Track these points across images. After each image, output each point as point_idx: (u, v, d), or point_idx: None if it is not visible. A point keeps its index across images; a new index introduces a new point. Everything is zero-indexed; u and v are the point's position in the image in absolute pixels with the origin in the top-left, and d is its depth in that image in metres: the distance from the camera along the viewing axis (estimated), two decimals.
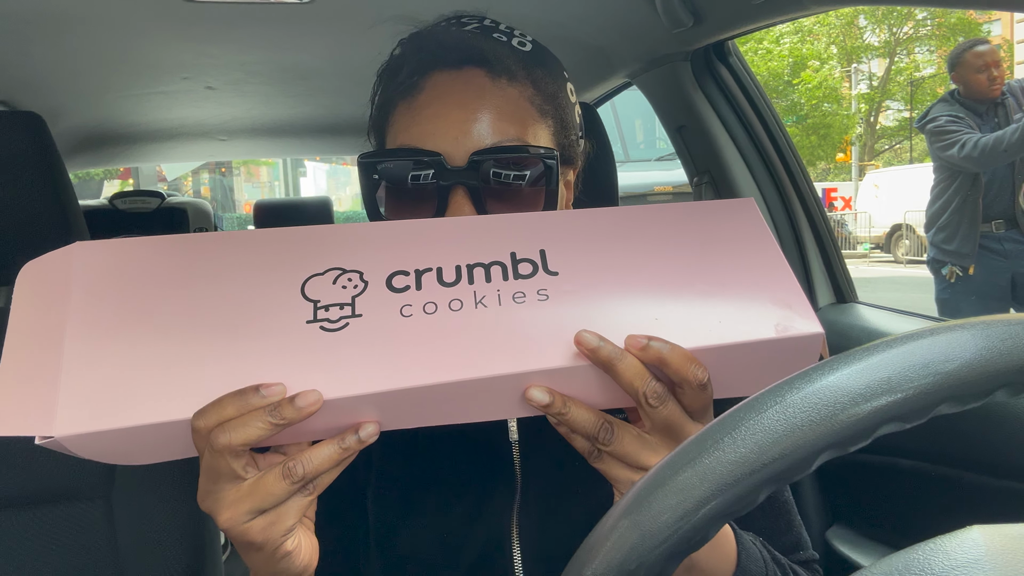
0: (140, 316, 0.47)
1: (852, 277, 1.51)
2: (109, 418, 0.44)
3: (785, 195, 1.47)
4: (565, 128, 0.68)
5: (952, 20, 18.46)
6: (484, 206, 0.62)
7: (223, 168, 21.61)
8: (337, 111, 2.22)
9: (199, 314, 0.47)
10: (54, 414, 0.44)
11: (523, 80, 0.64)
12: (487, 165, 0.61)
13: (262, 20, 1.35)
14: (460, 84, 0.63)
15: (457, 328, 0.47)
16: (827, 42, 20.04)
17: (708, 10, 1.22)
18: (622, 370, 0.45)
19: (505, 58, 0.64)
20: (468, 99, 0.62)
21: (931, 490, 1.14)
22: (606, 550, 0.34)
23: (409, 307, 0.48)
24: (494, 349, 0.46)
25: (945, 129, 2.99)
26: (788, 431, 0.33)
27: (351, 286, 0.48)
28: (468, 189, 0.61)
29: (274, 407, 0.43)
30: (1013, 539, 0.29)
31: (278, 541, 0.46)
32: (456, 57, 0.64)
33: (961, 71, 3.08)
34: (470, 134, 0.61)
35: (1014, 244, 3.08)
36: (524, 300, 0.48)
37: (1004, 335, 0.33)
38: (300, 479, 0.45)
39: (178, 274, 0.49)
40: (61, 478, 0.94)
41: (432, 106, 0.63)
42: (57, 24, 1.30)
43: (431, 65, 0.64)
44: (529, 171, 0.62)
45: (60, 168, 0.96)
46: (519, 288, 0.49)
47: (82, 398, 0.44)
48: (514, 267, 0.50)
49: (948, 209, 3.09)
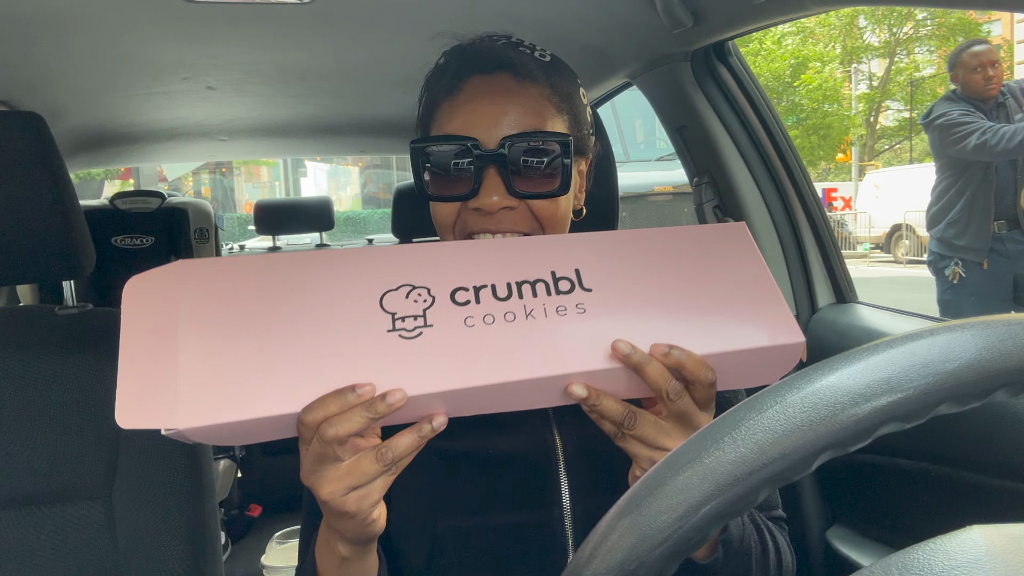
0: (243, 323, 0.55)
1: (852, 277, 1.51)
2: (227, 412, 0.52)
3: (785, 195, 1.47)
4: (579, 123, 0.81)
5: (952, 20, 18.46)
6: (512, 183, 0.74)
7: (223, 168, 21.60)
8: (337, 111, 2.22)
9: (294, 322, 0.56)
10: (175, 408, 0.52)
11: (543, 83, 0.77)
12: (514, 149, 0.73)
13: (262, 20, 1.35)
14: (493, 85, 0.76)
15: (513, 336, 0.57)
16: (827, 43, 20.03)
17: (708, 10, 1.22)
18: (649, 372, 0.57)
19: (529, 65, 0.78)
20: (499, 97, 0.75)
21: (931, 490, 1.14)
22: (606, 550, 0.34)
23: (471, 318, 0.57)
24: (544, 354, 0.56)
25: (958, 121, 2.97)
26: (788, 431, 0.33)
27: (421, 300, 0.58)
28: (498, 168, 0.74)
29: (369, 404, 0.53)
30: (1013, 539, 0.29)
31: (368, 511, 0.57)
32: (489, 64, 0.77)
33: (959, 71, 3.08)
34: (500, 124, 0.74)
35: (1016, 245, 3.07)
36: (566, 313, 0.59)
37: (1004, 335, 0.33)
38: (390, 462, 0.55)
39: (272, 287, 0.57)
40: (62, 478, 0.94)
41: (470, 103, 0.76)
42: (58, 24, 1.30)
43: (469, 71, 0.77)
44: (548, 155, 0.75)
45: (61, 168, 0.96)
46: (561, 303, 0.59)
47: (200, 394, 0.52)
48: (555, 284, 0.60)
49: (958, 204, 3.07)
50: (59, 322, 1.01)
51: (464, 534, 0.75)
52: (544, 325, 0.57)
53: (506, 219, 0.75)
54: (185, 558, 0.97)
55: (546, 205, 0.76)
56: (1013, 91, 3.08)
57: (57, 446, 0.95)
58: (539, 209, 0.76)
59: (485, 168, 0.74)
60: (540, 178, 0.75)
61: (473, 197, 0.75)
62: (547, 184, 0.75)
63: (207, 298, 0.56)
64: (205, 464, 1.03)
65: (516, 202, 0.75)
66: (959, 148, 2.97)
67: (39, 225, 0.94)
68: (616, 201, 1.11)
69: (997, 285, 3.08)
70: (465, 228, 0.77)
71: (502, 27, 0.89)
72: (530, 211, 0.76)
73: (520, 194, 0.75)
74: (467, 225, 0.77)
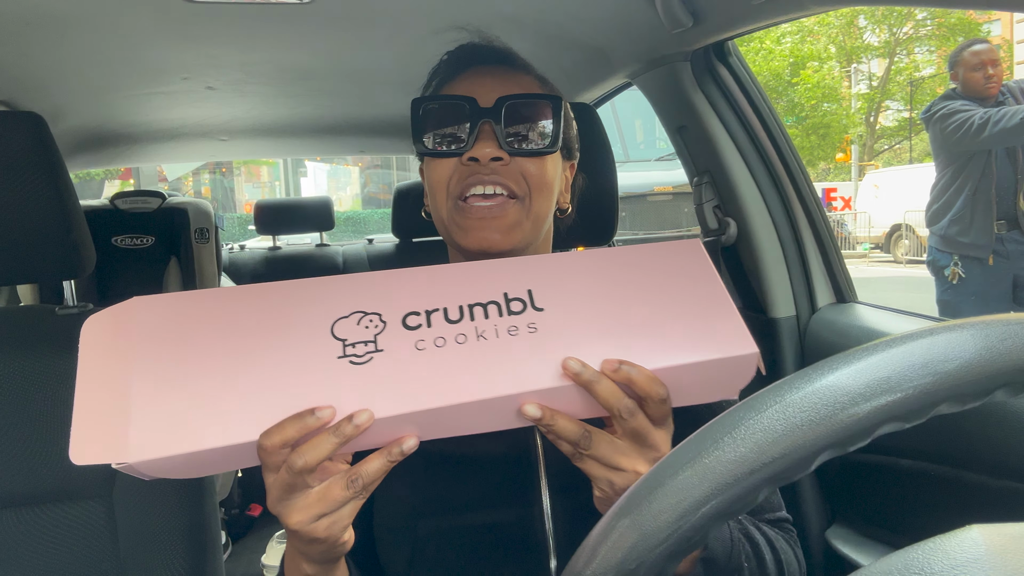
0: (196, 357, 0.56)
1: (852, 277, 1.51)
2: (178, 444, 0.52)
3: (785, 195, 1.47)
4: (567, 122, 0.85)
5: (952, 20, 18.45)
6: (505, 139, 0.78)
7: (223, 168, 21.60)
8: (337, 111, 2.22)
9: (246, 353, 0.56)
10: (127, 443, 0.52)
11: (535, 77, 0.86)
12: (509, 106, 0.78)
13: (262, 20, 1.35)
14: (492, 71, 0.83)
15: (463, 358, 0.56)
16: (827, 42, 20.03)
17: (708, 10, 1.22)
18: (599, 390, 0.56)
19: (524, 63, 0.86)
20: (497, 75, 0.82)
21: (931, 490, 1.14)
22: (606, 550, 0.34)
23: (423, 342, 0.57)
24: (495, 375, 0.56)
25: (959, 108, 2.97)
26: (788, 431, 0.33)
27: (372, 326, 0.58)
28: (493, 124, 0.78)
29: (336, 427, 0.53)
30: (1013, 539, 0.29)
31: (338, 535, 0.57)
32: (489, 58, 0.85)
33: (959, 69, 3.08)
34: (497, 89, 0.80)
35: (1016, 245, 3.07)
36: (517, 333, 0.58)
37: (1004, 335, 0.33)
38: (361, 488, 0.55)
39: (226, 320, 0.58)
40: (62, 478, 0.94)
41: (470, 78, 0.83)
42: (58, 25, 1.30)
43: (471, 62, 0.84)
44: (540, 115, 0.79)
45: (61, 168, 0.96)
46: (512, 323, 0.59)
47: (152, 428, 0.53)
48: (507, 305, 0.60)
49: (958, 200, 3.06)
50: (60, 322, 1.01)
51: (445, 534, 0.76)
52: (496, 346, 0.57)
53: (497, 172, 0.78)
54: (185, 558, 0.97)
55: (535, 166, 0.79)
56: (1013, 90, 3.08)
57: (57, 446, 0.95)
58: (527, 169, 0.79)
59: (481, 123, 0.78)
60: (532, 135, 0.79)
61: (468, 150, 0.78)
62: (538, 140, 0.80)
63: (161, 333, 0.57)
64: None
65: (508, 157, 0.78)
66: (961, 134, 2.96)
67: (39, 225, 0.94)
68: (616, 201, 1.11)
69: (997, 285, 3.07)
70: (459, 186, 0.79)
71: (502, 27, 0.90)
72: (520, 172, 0.79)
73: (513, 150, 0.78)
74: (461, 182, 0.79)
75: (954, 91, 3.12)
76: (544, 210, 0.82)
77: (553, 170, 0.82)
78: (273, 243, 3.07)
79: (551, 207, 0.83)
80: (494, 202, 0.78)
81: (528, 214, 0.80)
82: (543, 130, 0.80)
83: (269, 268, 2.88)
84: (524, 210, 0.80)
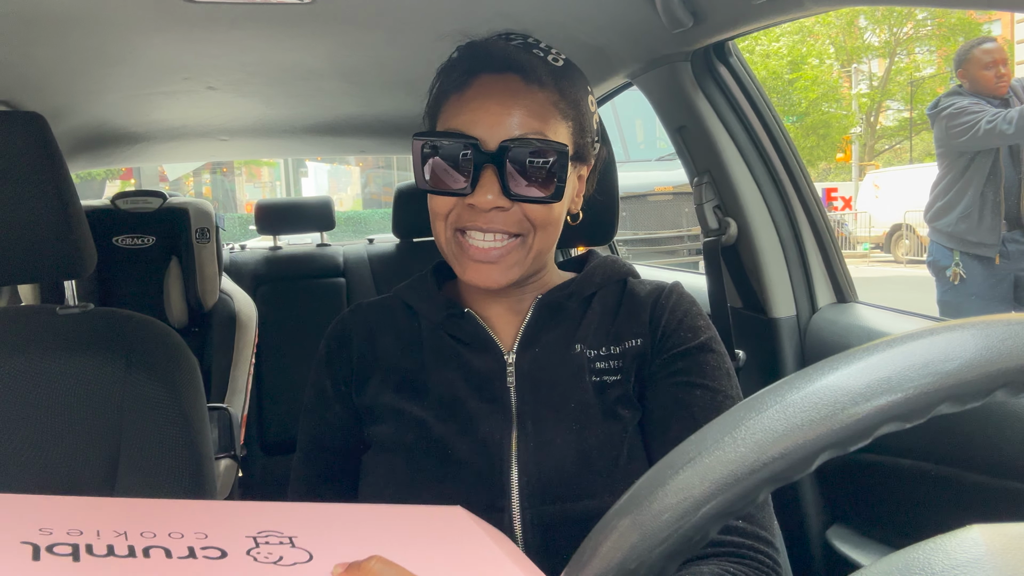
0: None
1: (852, 277, 1.51)
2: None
3: (785, 195, 1.47)
4: (583, 130, 0.82)
5: (952, 20, 18.44)
6: (507, 185, 0.76)
7: (224, 168, 21.60)
8: (338, 111, 2.22)
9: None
10: None
11: (551, 88, 0.78)
12: (513, 152, 0.75)
13: (263, 20, 1.35)
14: (501, 85, 0.77)
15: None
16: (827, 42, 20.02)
17: (708, 10, 1.22)
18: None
19: (538, 68, 0.78)
20: (505, 98, 0.77)
21: (931, 490, 1.14)
22: (606, 549, 0.34)
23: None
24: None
25: (969, 109, 2.95)
26: (788, 431, 0.33)
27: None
28: (496, 169, 0.75)
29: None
30: (1013, 539, 0.29)
31: None
32: (500, 64, 0.78)
33: (969, 67, 3.06)
34: (503, 125, 0.76)
35: (1017, 245, 3.06)
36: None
37: (1004, 335, 0.33)
38: None
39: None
40: (63, 477, 0.94)
41: (476, 100, 0.77)
42: (59, 25, 1.30)
43: (480, 68, 0.78)
44: (545, 162, 0.76)
45: (62, 168, 0.96)
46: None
47: None
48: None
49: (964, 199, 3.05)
50: (60, 322, 1.02)
51: None
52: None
53: (497, 219, 0.77)
54: None
55: (539, 209, 0.77)
56: (1016, 89, 3.07)
57: (58, 445, 0.95)
58: (532, 212, 0.77)
59: (483, 167, 0.75)
60: (535, 183, 0.76)
61: (469, 194, 0.76)
62: (542, 190, 0.76)
63: None
64: (206, 464, 1.03)
65: (509, 203, 0.77)
66: (969, 136, 2.94)
67: (41, 225, 0.94)
68: (616, 202, 1.11)
69: (999, 286, 3.07)
70: (458, 222, 0.79)
71: (502, 27, 0.89)
72: (523, 213, 0.78)
73: (514, 196, 0.76)
74: (460, 219, 0.79)
75: (960, 88, 3.11)
76: (547, 244, 0.81)
77: (560, 208, 0.80)
78: (274, 243, 3.07)
79: (556, 236, 0.82)
80: (492, 244, 0.78)
81: (530, 252, 0.79)
82: (549, 175, 0.76)
83: (270, 268, 2.88)
84: (525, 248, 0.79)
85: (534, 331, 0.84)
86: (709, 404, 0.78)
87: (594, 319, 0.85)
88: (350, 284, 2.85)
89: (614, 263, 0.91)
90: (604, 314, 0.85)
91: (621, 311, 0.85)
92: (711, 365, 0.81)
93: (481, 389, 0.81)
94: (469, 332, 0.84)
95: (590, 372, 0.81)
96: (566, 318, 0.85)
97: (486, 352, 0.83)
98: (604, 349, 0.83)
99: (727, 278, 1.55)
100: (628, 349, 0.82)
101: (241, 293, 2.54)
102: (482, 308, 0.86)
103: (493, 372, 0.82)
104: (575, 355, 0.82)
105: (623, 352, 0.82)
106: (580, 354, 0.82)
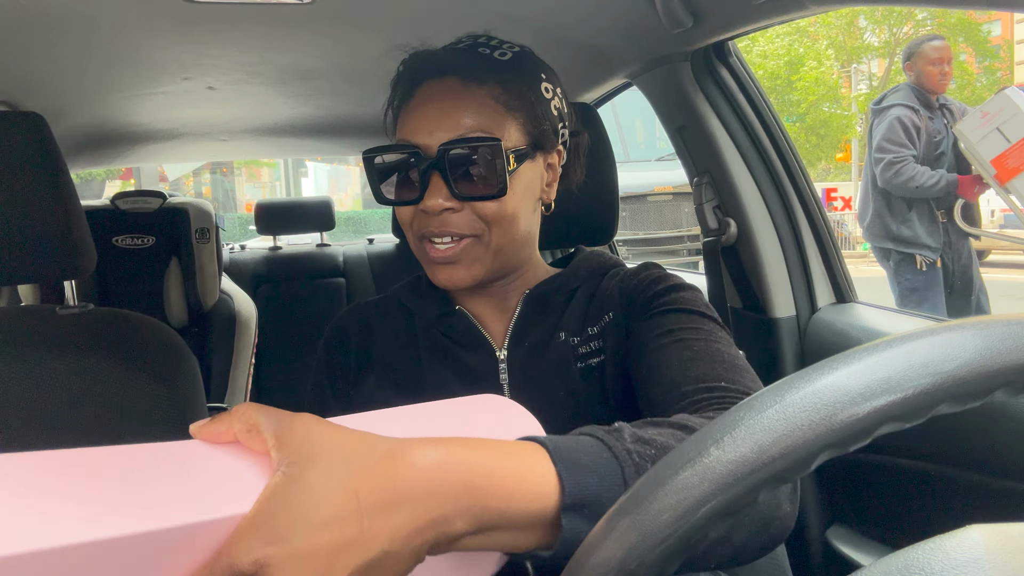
0: None
1: (852, 277, 1.51)
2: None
3: (785, 195, 1.47)
4: (536, 119, 0.82)
5: (952, 20, 18.44)
6: (453, 187, 0.77)
7: (224, 168, 21.60)
8: (337, 111, 2.22)
9: None
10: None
11: (492, 83, 0.79)
12: (451, 154, 0.76)
13: (263, 20, 1.35)
14: (441, 89, 0.79)
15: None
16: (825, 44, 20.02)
17: (708, 10, 1.22)
18: None
19: (478, 67, 0.80)
20: (444, 102, 0.78)
21: (931, 490, 1.14)
22: (606, 549, 0.34)
23: None
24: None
25: (896, 151, 3.14)
26: (788, 431, 0.33)
27: None
28: (440, 173, 0.77)
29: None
30: (1013, 539, 0.29)
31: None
32: (439, 69, 0.81)
33: (917, 61, 3.25)
34: (442, 129, 0.77)
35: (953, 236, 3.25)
36: None
37: (1004, 335, 0.33)
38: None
39: None
40: None
41: (420, 108, 0.80)
42: (59, 25, 1.30)
43: (422, 77, 0.81)
44: (481, 159, 0.76)
45: (62, 168, 0.96)
46: None
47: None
48: None
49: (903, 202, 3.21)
50: (60, 322, 1.02)
51: None
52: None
53: (450, 221, 0.79)
54: None
55: (489, 206, 0.78)
56: (953, 108, 3.28)
57: (58, 445, 0.95)
58: (482, 210, 0.78)
59: (429, 173, 0.77)
60: (478, 181, 0.77)
61: (420, 200, 0.78)
62: (486, 187, 0.77)
63: None
64: None
65: (460, 204, 0.78)
66: (890, 176, 3.16)
67: (40, 225, 0.94)
68: (616, 201, 1.11)
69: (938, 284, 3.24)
70: (419, 229, 0.81)
71: (502, 28, 0.89)
72: (474, 213, 0.79)
73: (461, 197, 0.77)
74: (420, 226, 0.81)
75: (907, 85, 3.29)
76: (508, 239, 0.81)
77: (514, 202, 0.80)
78: (274, 243, 3.07)
79: (517, 232, 0.82)
80: (448, 246, 0.79)
81: (487, 248, 0.80)
82: (488, 171, 0.77)
83: (269, 268, 2.89)
84: (483, 246, 0.80)
85: (523, 327, 0.86)
86: (689, 324, 0.77)
87: (576, 308, 0.87)
88: (350, 284, 2.85)
89: (599, 256, 0.93)
90: (584, 301, 0.87)
91: (598, 293, 0.88)
92: (685, 298, 0.81)
93: (475, 387, 0.82)
94: (461, 330, 0.86)
95: (575, 359, 0.83)
96: (552, 311, 0.87)
97: (478, 350, 0.85)
98: (584, 332, 0.85)
99: (727, 278, 1.55)
100: (606, 325, 0.84)
101: (241, 293, 2.54)
102: (472, 306, 0.88)
103: (486, 370, 0.84)
104: (559, 344, 0.84)
105: (602, 331, 0.84)
106: (564, 343, 0.84)
